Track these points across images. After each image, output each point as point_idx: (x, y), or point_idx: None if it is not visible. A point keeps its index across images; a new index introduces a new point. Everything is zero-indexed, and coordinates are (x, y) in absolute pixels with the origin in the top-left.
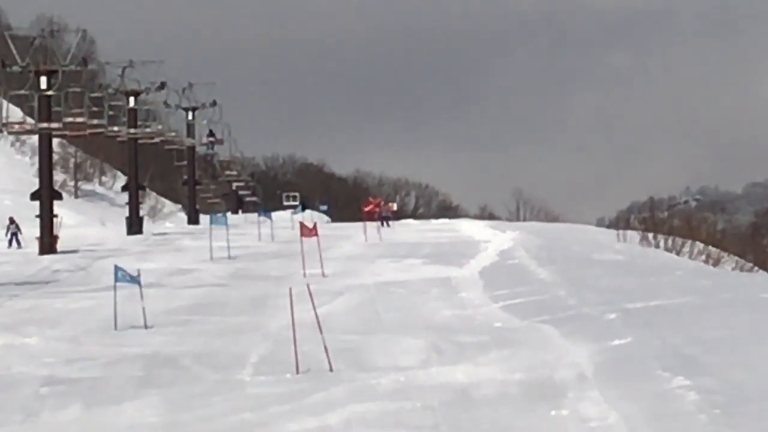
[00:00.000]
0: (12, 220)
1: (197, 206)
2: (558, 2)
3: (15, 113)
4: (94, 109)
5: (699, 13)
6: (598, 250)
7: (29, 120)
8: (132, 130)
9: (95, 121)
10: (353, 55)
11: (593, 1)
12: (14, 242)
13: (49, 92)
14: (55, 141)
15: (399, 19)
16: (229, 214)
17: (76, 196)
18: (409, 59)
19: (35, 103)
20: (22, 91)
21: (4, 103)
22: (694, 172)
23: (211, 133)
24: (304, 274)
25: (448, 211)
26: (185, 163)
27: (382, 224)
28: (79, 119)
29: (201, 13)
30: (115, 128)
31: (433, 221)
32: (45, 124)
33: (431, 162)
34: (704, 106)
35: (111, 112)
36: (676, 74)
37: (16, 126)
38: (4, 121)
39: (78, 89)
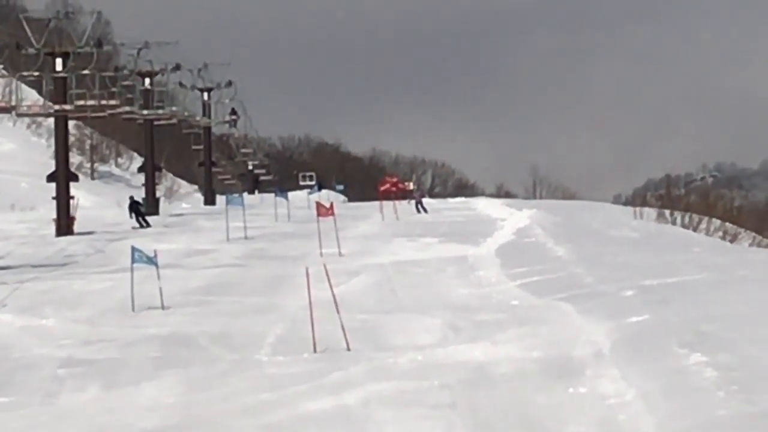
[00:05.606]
0: (132, 199)
1: (213, 187)
2: None
3: (31, 95)
4: (113, 89)
5: None
6: (614, 228)
7: (46, 102)
8: (147, 111)
9: (125, 108)
10: (368, 33)
11: None
12: (140, 220)
13: (84, 72)
14: (71, 123)
15: None
16: (245, 194)
17: (93, 178)
18: (425, 37)
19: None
20: (62, 73)
21: (19, 85)
22: (710, 149)
23: (233, 112)
24: (321, 254)
25: (465, 189)
26: (201, 145)
27: (418, 210)
28: (112, 101)
29: None
30: (145, 111)
31: (450, 200)
32: (62, 106)
33: (447, 141)
34: (721, 82)
35: (129, 95)
36: (692, 51)
37: (37, 108)
38: (16, 103)
39: (111, 74)
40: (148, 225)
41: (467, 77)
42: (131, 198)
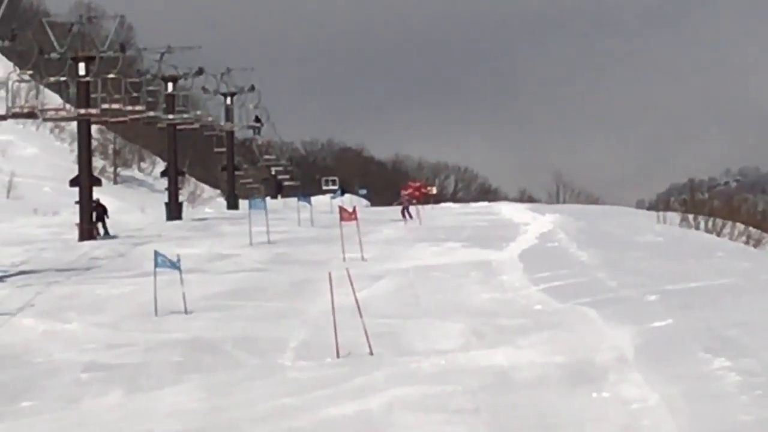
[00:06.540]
0: (98, 203)
1: (236, 191)
2: None
3: (53, 100)
4: (136, 94)
5: None
6: (638, 233)
7: (68, 106)
8: (171, 116)
9: (149, 113)
10: (392, 38)
11: None
12: (100, 228)
13: (109, 76)
14: (94, 127)
15: (438, 2)
16: (268, 199)
17: (116, 182)
18: (449, 42)
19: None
20: (86, 78)
21: (42, 89)
22: (734, 154)
23: (257, 119)
24: (344, 259)
25: (488, 194)
26: (223, 148)
27: (404, 216)
28: (138, 107)
29: None
30: (170, 116)
31: (473, 204)
32: (88, 111)
33: (470, 145)
34: (744, 86)
35: (150, 99)
36: (715, 55)
37: (63, 113)
38: (40, 108)
39: (137, 79)
40: (107, 233)
41: (490, 83)
42: (96, 200)
